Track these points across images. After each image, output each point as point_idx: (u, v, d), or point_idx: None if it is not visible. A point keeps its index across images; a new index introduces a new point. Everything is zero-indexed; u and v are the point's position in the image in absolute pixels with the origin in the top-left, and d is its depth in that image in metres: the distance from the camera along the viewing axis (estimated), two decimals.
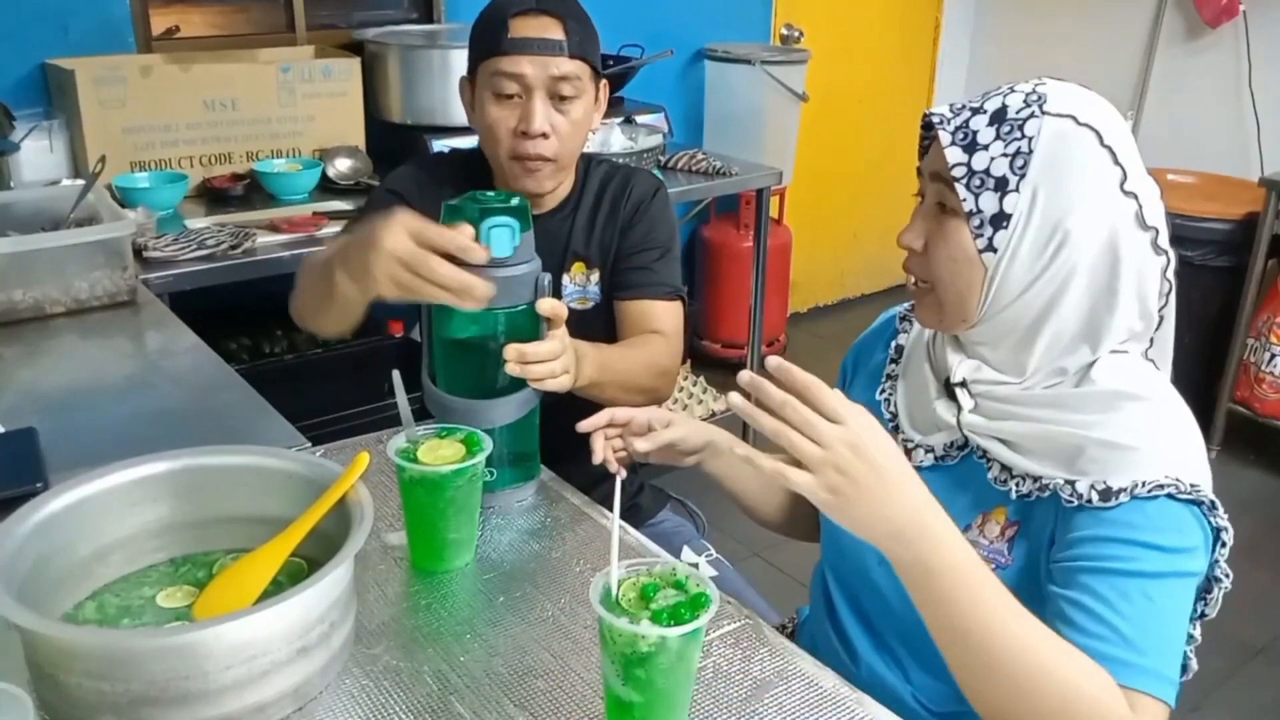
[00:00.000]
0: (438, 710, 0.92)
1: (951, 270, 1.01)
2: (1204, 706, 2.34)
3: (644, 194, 1.61)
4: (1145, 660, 0.90)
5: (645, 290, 1.56)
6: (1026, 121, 0.97)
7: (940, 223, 1.02)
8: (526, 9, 1.45)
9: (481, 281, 1.11)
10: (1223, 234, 3.26)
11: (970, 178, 0.98)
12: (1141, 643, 0.91)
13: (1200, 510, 0.95)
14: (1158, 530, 0.93)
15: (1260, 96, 3.62)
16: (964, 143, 0.98)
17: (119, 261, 1.78)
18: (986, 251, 0.99)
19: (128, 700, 0.82)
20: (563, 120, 1.47)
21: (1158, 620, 0.92)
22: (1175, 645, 0.93)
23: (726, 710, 0.94)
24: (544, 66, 1.44)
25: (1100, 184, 0.97)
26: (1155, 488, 0.93)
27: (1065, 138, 0.96)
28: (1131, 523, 0.93)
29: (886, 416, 1.17)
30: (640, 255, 1.58)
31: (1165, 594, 0.93)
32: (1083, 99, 0.99)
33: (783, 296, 3.95)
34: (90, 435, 1.37)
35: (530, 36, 1.44)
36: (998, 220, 0.98)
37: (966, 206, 0.98)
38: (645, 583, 0.86)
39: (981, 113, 0.99)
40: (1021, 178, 0.96)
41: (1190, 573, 0.95)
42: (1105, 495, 0.94)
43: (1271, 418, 3.27)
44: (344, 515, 0.97)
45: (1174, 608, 0.94)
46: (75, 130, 2.36)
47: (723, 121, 3.57)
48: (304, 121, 2.60)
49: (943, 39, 4.49)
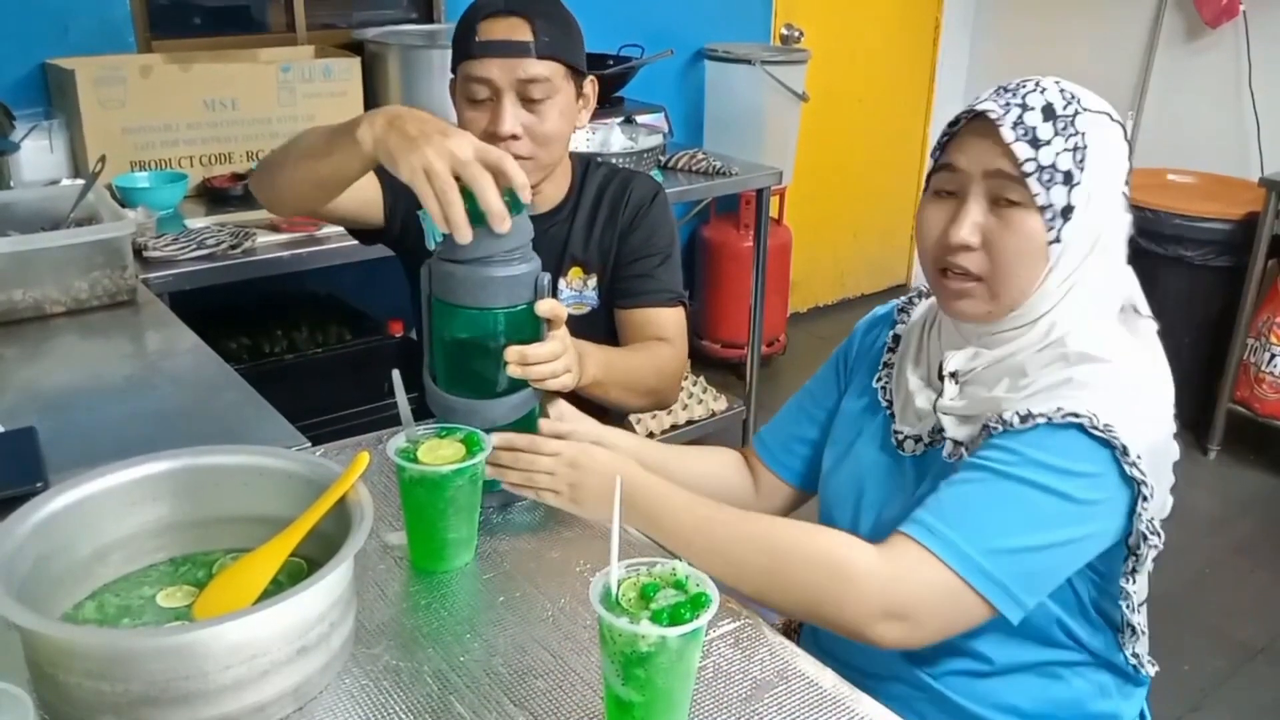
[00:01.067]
0: (438, 710, 0.92)
1: (1018, 263, 1.03)
2: (1204, 706, 2.34)
3: (643, 198, 1.60)
4: (943, 526, 0.96)
5: (647, 298, 1.56)
6: (1075, 118, 1.01)
7: (1002, 217, 1.03)
8: (495, 11, 1.44)
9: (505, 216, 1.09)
10: (1223, 234, 3.26)
11: (1040, 172, 1.00)
12: (954, 516, 0.97)
13: (1113, 454, 0.97)
14: (1046, 450, 0.97)
15: (1260, 96, 3.62)
16: (1027, 138, 1.00)
17: (119, 261, 1.78)
18: (1054, 243, 1.02)
19: (128, 700, 0.82)
20: (534, 120, 1.46)
21: (989, 511, 0.97)
22: (995, 535, 0.97)
23: (726, 710, 0.94)
24: (510, 69, 1.43)
25: (1125, 174, 1.04)
26: (1069, 415, 0.96)
27: (1107, 134, 1.02)
28: (1030, 440, 0.97)
29: (883, 404, 1.19)
30: (641, 262, 1.58)
31: (1017, 497, 0.97)
32: (1096, 96, 1.05)
33: (783, 296, 3.95)
34: (90, 435, 1.38)
35: (495, 39, 1.43)
36: (1066, 213, 1.01)
37: (1039, 200, 1.00)
38: (645, 583, 0.86)
39: (1030, 109, 1.01)
40: (1083, 171, 1.00)
41: (1068, 496, 0.97)
42: (1025, 419, 0.99)
43: (1271, 418, 3.27)
44: (344, 515, 0.97)
45: (1020, 512, 0.97)
46: (75, 130, 2.36)
47: (723, 121, 3.57)
48: (304, 121, 2.60)
49: (943, 39, 4.48)
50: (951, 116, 1.07)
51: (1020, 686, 1.12)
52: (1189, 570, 2.80)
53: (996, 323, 1.07)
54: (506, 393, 1.21)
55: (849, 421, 1.24)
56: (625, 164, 2.59)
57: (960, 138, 1.05)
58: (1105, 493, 0.98)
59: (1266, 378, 3.24)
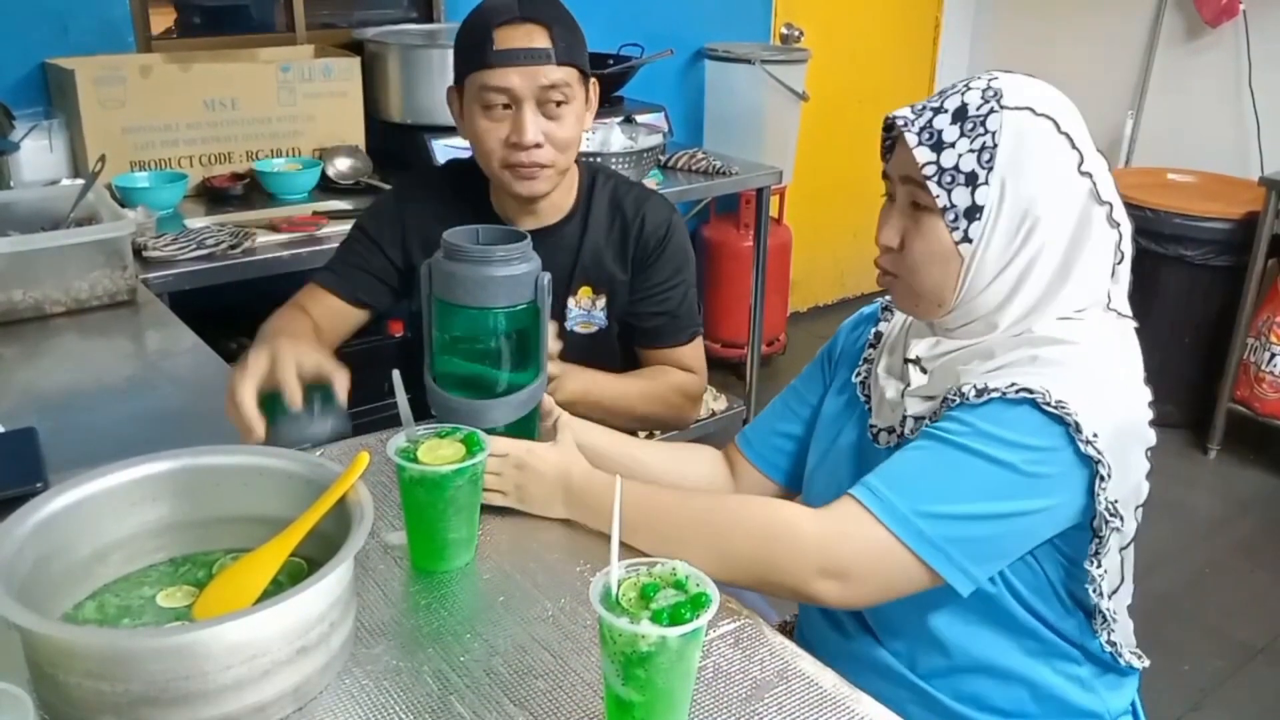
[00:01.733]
0: (438, 710, 0.92)
1: (929, 263, 1.06)
2: (1204, 706, 2.34)
3: (657, 226, 1.57)
4: (884, 488, 0.99)
5: (669, 339, 1.57)
6: (987, 117, 1.02)
7: (916, 220, 1.07)
8: (510, 18, 1.41)
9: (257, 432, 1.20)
10: (1223, 234, 3.26)
11: (941, 175, 1.03)
12: (896, 480, 1.00)
13: (1066, 430, 0.98)
14: (996, 423, 0.99)
15: (1260, 96, 3.62)
16: (930, 143, 1.03)
17: (119, 261, 1.78)
18: (963, 243, 1.04)
19: (128, 700, 0.82)
20: (555, 127, 1.44)
21: (932, 476, 0.99)
22: (934, 500, 0.99)
23: (726, 710, 0.94)
24: (532, 77, 1.41)
25: (1061, 168, 1.03)
26: (1023, 391, 0.98)
27: (1026, 128, 1.02)
28: (983, 414, 0.99)
29: (861, 399, 1.22)
30: (660, 299, 1.56)
31: (961, 465, 0.99)
32: (1035, 90, 1.05)
33: (783, 296, 3.95)
34: (90, 435, 1.38)
35: (516, 47, 1.40)
36: (971, 213, 1.03)
37: (940, 202, 1.03)
38: (645, 583, 0.86)
39: (943, 112, 1.04)
40: (990, 170, 1.02)
41: (1014, 467, 0.98)
42: (980, 394, 1.01)
43: (1271, 418, 3.27)
44: (344, 515, 0.97)
45: (964, 479, 0.99)
46: (75, 130, 2.36)
47: (723, 121, 3.57)
48: (304, 121, 2.60)
49: (943, 39, 4.48)
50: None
51: (1000, 682, 1.12)
52: (1189, 570, 2.80)
53: (949, 318, 1.10)
54: (507, 393, 1.21)
55: (831, 419, 1.26)
56: (625, 164, 2.59)
57: (898, 142, 1.09)
58: (1056, 468, 0.99)
59: (1266, 377, 3.24)
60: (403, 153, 2.71)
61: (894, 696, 1.11)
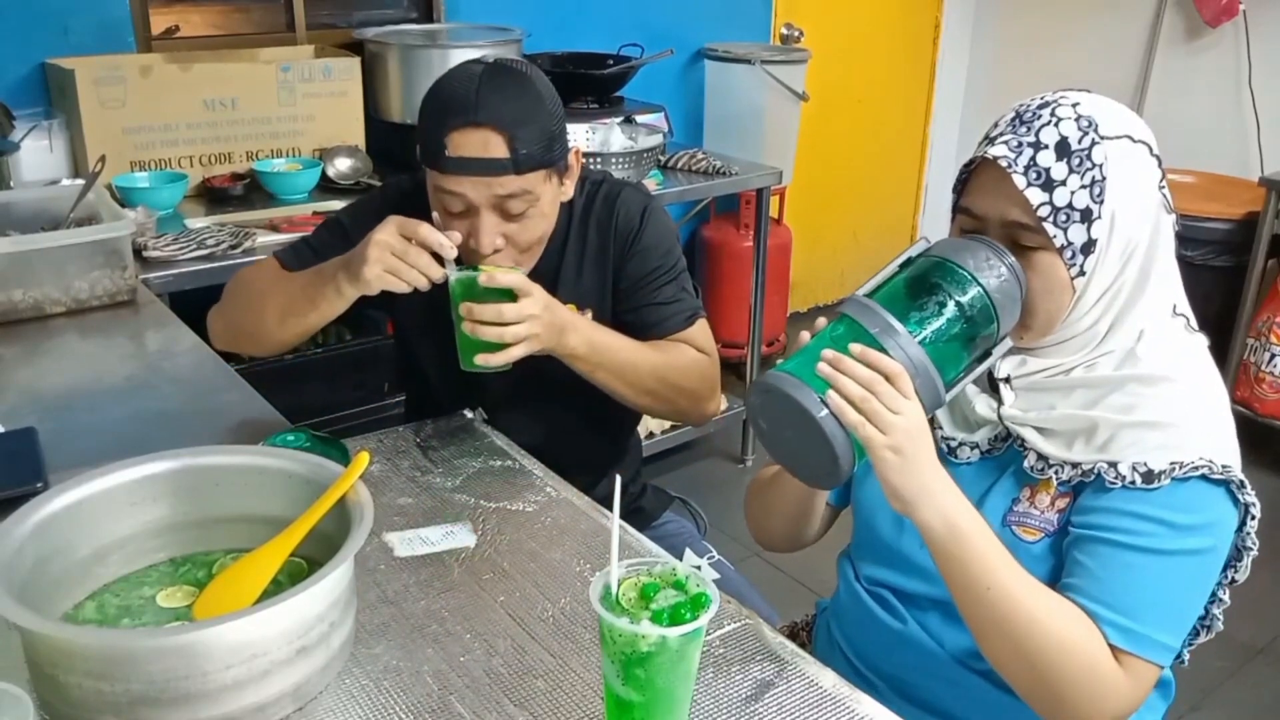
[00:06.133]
0: (438, 710, 0.92)
1: (1043, 298, 1.05)
2: (1204, 706, 2.34)
3: (631, 218, 1.48)
4: (1137, 625, 0.98)
5: (664, 326, 1.48)
6: (1091, 150, 1.01)
7: (1024, 256, 1.04)
8: (465, 122, 1.28)
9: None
10: (1223, 234, 3.26)
11: (1055, 215, 1.01)
12: (1137, 610, 0.98)
13: (1229, 489, 1.01)
14: (1183, 510, 1.00)
15: (1260, 96, 3.62)
16: (1039, 182, 1.01)
17: (119, 261, 1.78)
18: (1078, 277, 1.04)
19: (128, 700, 0.82)
20: (517, 229, 1.35)
21: (1156, 590, 0.99)
22: (1174, 614, 1.01)
23: (726, 710, 0.94)
24: (487, 187, 1.30)
25: (1153, 190, 1.05)
26: (1191, 469, 0.99)
27: (1127, 158, 1.03)
28: (1163, 503, 1.00)
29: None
30: (648, 290, 1.49)
31: (1170, 569, 1.00)
32: (1118, 113, 1.05)
33: (783, 296, 3.94)
34: (90, 435, 1.38)
35: (469, 156, 1.29)
36: (1087, 248, 1.02)
37: (1058, 242, 1.02)
38: (645, 583, 0.86)
39: (1043, 148, 1.01)
40: (1101, 204, 1.02)
41: (1199, 550, 1.01)
42: (1148, 478, 1.00)
43: (1271, 418, 3.26)
44: (344, 515, 0.97)
45: (1179, 581, 1.01)
46: (75, 130, 2.36)
47: (723, 121, 3.56)
48: (304, 121, 2.60)
49: (943, 39, 4.48)
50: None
51: None
52: None
53: (1048, 340, 1.09)
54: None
55: None
56: (625, 164, 2.59)
57: (977, 178, 1.06)
58: (1231, 526, 1.04)
59: (1266, 378, 3.24)
60: (403, 153, 2.70)
61: (943, 693, 1.13)
